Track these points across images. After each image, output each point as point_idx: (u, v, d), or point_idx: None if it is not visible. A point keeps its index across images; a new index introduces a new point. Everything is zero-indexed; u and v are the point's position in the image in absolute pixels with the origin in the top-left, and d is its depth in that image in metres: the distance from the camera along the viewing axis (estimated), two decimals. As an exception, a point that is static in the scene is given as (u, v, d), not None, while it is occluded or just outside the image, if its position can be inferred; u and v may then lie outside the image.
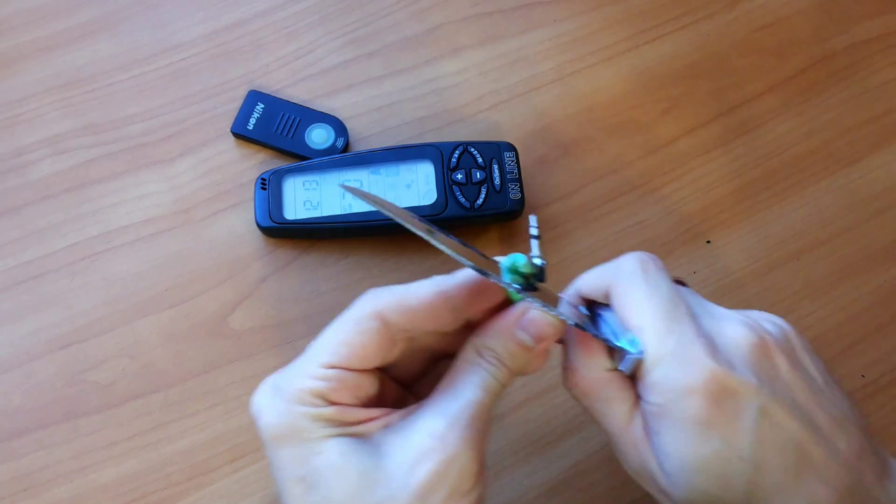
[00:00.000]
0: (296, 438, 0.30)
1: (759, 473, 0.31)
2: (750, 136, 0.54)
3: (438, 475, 0.29)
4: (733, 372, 0.30)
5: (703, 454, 0.31)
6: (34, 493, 0.44)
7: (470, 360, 0.32)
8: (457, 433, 0.30)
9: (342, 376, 0.31)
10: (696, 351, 0.31)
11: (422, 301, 0.32)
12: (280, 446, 0.31)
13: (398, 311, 0.32)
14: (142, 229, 0.50)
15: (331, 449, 0.30)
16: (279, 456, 0.31)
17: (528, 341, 0.32)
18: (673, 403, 0.31)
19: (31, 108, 0.53)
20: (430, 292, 0.32)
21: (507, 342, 0.32)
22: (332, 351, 0.31)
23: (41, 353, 0.47)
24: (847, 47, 0.57)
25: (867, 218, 0.52)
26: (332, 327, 0.32)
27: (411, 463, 0.29)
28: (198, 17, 0.56)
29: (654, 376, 0.31)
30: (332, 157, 0.50)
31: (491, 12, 0.57)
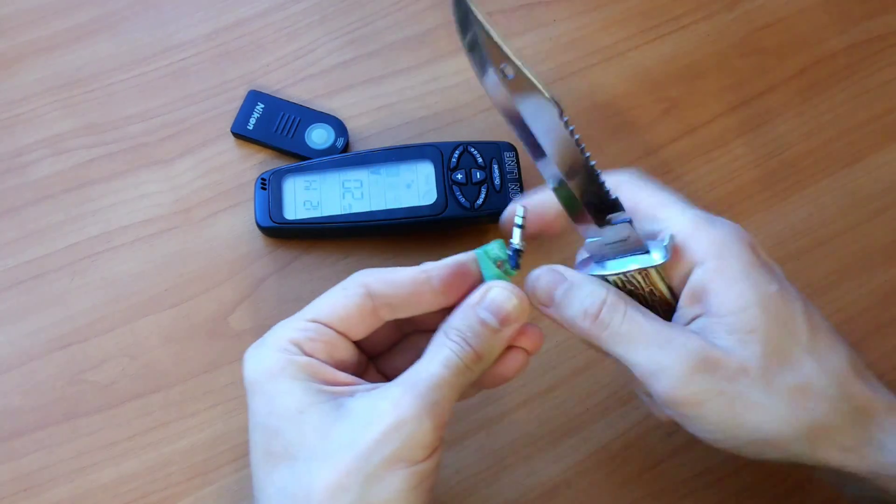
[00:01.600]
0: (268, 383, 0.33)
1: (808, 310, 0.34)
2: (750, 135, 0.54)
3: (386, 435, 0.31)
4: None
5: (770, 291, 0.33)
6: (34, 493, 0.44)
7: (436, 342, 0.34)
8: (410, 400, 0.31)
9: (320, 329, 0.34)
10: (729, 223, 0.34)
11: (405, 278, 0.34)
12: (255, 391, 0.33)
13: (383, 283, 0.34)
14: (142, 229, 0.50)
15: (295, 394, 0.32)
16: (253, 401, 0.33)
17: (490, 321, 0.33)
18: (729, 254, 0.33)
19: (31, 108, 0.53)
20: (414, 271, 0.35)
21: (470, 321, 0.34)
22: (317, 308, 0.34)
23: (41, 353, 0.47)
24: (847, 47, 0.57)
25: (867, 218, 0.52)
26: (322, 295, 0.35)
27: (364, 422, 0.31)
28: (198, 17, 0.56)
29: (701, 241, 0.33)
30: (332, 157, 0.50)
31: (491, 12, 0.57)
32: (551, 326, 0.48)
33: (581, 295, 0.34)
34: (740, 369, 0.32)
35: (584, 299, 0.34)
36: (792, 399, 0.32)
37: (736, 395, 0.32)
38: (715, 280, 0.33)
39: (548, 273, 0.35)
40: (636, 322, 0.33)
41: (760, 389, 0.32)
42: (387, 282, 0.34)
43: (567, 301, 0.34)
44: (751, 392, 0.32)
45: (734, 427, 0.32)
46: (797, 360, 0.32)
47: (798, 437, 0.32)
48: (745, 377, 0.32)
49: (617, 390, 0.47)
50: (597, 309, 0.34)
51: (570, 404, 0.47)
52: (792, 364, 0.32)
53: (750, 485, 0.45)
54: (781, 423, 0.32)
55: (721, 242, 0.33)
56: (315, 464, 0.31)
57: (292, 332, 0.34)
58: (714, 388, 0.32)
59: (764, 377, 0.32)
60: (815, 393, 0.32)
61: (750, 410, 0.32)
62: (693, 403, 0.32)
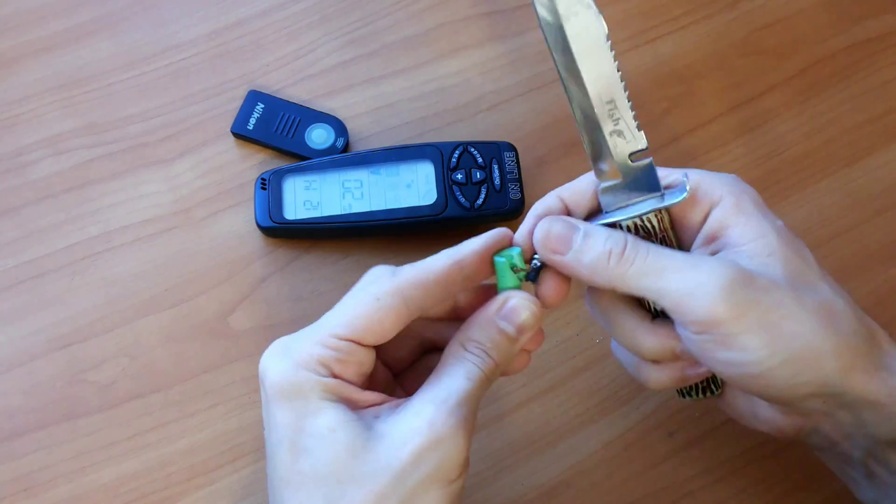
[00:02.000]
0: (296, 399, 0.31)
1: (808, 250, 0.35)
2: (750, 135, 0.54)
3: (422, 455, 0.30)
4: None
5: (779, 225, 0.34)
6: (34, 493, 0.44)
7: (455, 354, 0.33)
8: (443, 417, 0.31)
9: (350, 349, 0.32)
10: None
11: (439, 275, 0.33)
12: (279, 405, 0.32)
13: (418, 288, 0.33)
14: (142, 229, 0.50)
15: (326, 414, 0.31)
16: (276, 415, 0.32)
17: (510, 330, 0.34)
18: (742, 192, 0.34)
19: (31, 108, 0.53)
20: (445, 264, 0.33)
21: (490, 332, 0.34)
22: (347, 323, 0.32)
23: (41, 353, 0.47)
24: (847, 47, 0.57)
25: (867, 218, 0.52)
26: (350, 300, 0.33)
27: (398, 443, 0.30)
28: (198, 17, 0.56)
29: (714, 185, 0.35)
30: (332, 157, 0.50)
31: (491, 12, 0.57)
32: (551, 327, 0.49)
33: (601, 239, 0.33)
34: (770, 282, 0.32)
35: (605, 242, 0.33)
36: (820, 315, 0.32)
37: (773, 304, 0.32)
38: (734, 215, 0.34)
39: (559, 222, 0.34)
40: (662, 253, 0.33)
41: (793, 301, 0.32)
42: (422, 286, 0.33)
43: (587, 246, 0.33)
44: (784, 303, 0.32)
45: (774, 339, 0.32)
46: (815, 283, 0.33)
47: (831, 353, 0.32)
48: (776, 289, 0.32)
49: (617, 390, 0.47)
50: (621, 248, 0.33)
51: (570, 404, 0.47)
52: (811, 286, 0.33)
53: (750, 485, 0.45)
54: (815, 335, 0.32)
55: (732, 184, 0.35)
56: (350, 486, 0.30)
57: (321, 351, 0.32)
58: (752, 298, 0.32)
59: (793, 291, 0.32)
60: (838, 313, 0.33)
61: (787, 319, 0.32)
62: (733, 317, 0.31)
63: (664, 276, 0.32)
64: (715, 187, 0.35)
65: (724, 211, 0.34)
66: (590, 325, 0.49)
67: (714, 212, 0.34)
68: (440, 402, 0.31)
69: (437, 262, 0.33)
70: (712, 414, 0.47)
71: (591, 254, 0.33)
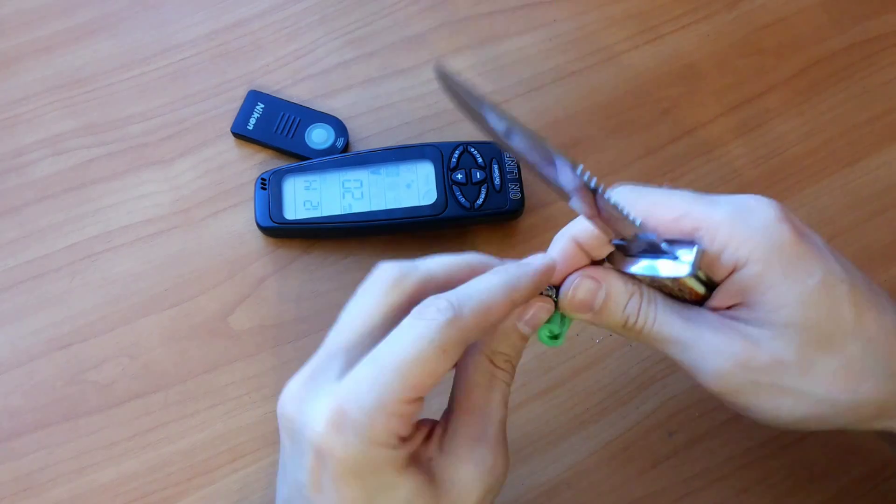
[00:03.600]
0: (369, 477, 0.30)
1: (854, 291, 0.33)
2: (750, 135, 0.54)
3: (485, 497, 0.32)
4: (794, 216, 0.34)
5: (812, 285, 0.32)
6: (34, 493, 0.44)
7: (485, 370, 0.34)
8: (499, 458, 0.33)
9: (417, 409, 0.30)
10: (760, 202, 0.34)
11: (498, 315, 0.32)
12: (349, 484, 0.30)
13: (479, 332, 0.31)
14: (142, 229, 0.50)
15: (402, 487, 0.30)
16: (345, 493, 0.30)
17: (528, 332, 0.35)
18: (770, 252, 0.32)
19: (31, 108, 0.53)
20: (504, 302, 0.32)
21: (513, 339, 0.34)
22: (416, 384, 0.29)
23: (41, 353, 0.47)
24: (847, 47, 0.57)
25: (867, 218, 0.52)
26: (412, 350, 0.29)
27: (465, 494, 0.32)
28: (198, 17, 0.56)
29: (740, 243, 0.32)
30: (332, 157, 0.50)
31: (491, 12, 0.57)
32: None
33: (618, 305, 0.34)
34: (775, 361, 0.32)
35: (623, 310, 0.34)
36: (832, 383, 0.32)
37: (771, 384, 0.32)
38: (756, 284, 0.33)
39: (585, 282, 0.35)
40: (669, 325, 0.34)
41: (796, 378, 0.32)
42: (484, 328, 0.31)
43: (605, 311, 0.35)
44: (786, 380, 0.32)
45: (772, 410, 0.33)
46: (840, 345, 0.33)
47: (840, 414, 0.33)
48: (780, 367, 0.32)
49: (617, 390, 0.47)
50: (633, 319, 0.34)
51: (570, 404, 0.47)
52: (835, 350, 0.32)
53: (750, 485, 0.45)
54: (820, 405, 0.33)
55: (761, 243, 0.32)
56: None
57: (395, 423, 0.29)
58: (749, 380, 0.33)
59: (800, 366, 0.32)
60: (859, 373, 0.33)
61: (787, 396, 0.33)
62: (731, 393, 0.33)
63: (670, 349, 0.34)
64: (741, 248, 0.32)
65: (746, 277, 0.33)
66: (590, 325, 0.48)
67: (736, 275, 0.33)
68: (489, 440, 0.33)
69: (496, 297, 0.31)
70: (712, 414, 0.47)
71: (608, 319, 0.35)
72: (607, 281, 0.35)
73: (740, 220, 0.33)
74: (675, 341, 0.34)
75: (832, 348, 0.32)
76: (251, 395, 0.46)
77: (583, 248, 0.35)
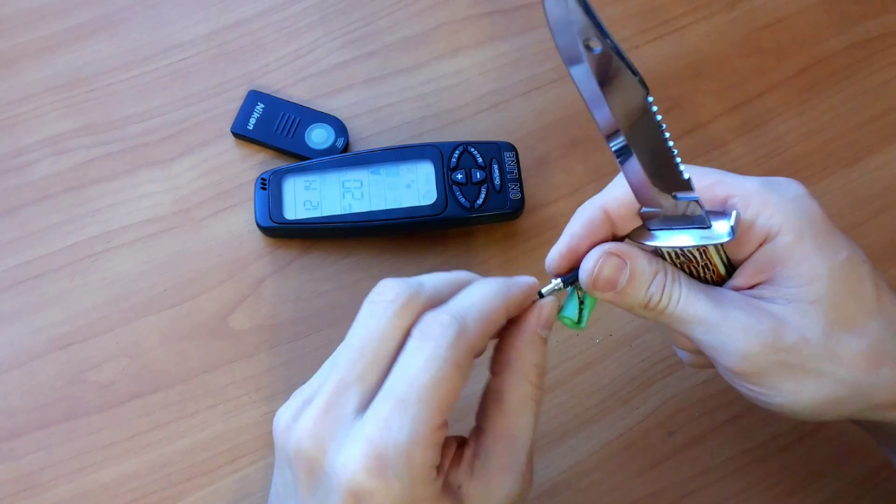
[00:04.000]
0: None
1: (873, 272, 0.33)
2: (750, 135, 0.54)
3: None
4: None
5: (840, 261, 0.32)
6: (34, 493, 0.44)
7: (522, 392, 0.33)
8: (525, 485, 0.32)
9: (445, 432, 0.30)
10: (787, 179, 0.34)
11: (497, 322, 0.32)
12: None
13: (484, 341, 0.31)
14: (142, 229, 0.50)
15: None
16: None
17: (547, 334, 0.34)
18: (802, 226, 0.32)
19: (31, 108, 0.53)
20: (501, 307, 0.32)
21: (540, 347, 0.33)
22: (442, 407, 0.29)
23: (41, 353, 0.47)
24: (847, 47, 0.57)
25: (867, 218, 0.52)
26: (430, 373, 0.29)
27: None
28: (198, 17, 0.56)
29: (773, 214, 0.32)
30: (332, 157, 0.50)
31: (491, 12, 0.57)
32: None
33: (642, 283, 0.33)
34: (801, 339, 0.32)
35: (647, 290, 0.33)
36: (856, 364, 0.32)
37: (797, 363, 0.32)
38: (788, 255, 0.32)
39: (611, 259, 0.33)
40: (694, 304, 0.33)
41: (822, 358, 0.32)
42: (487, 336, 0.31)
43: (629, 290, 0.34)
44: (811, 361, 0.32)
45: (793, 394, 0.33)
46: (863, 325, 0.32)
47: (860, 398, 0.33)
48: (806, 346, 0.32)
49: (617, 390, 0.47)
50: (657, 299, 0.33)
51: (570, 404, 0.47)
52: (858, 330, 0.32)
53: (750, 485, 0.45)
54: (842, 387, 0.32)
55: (793, 213, 0.33)
56: None
57: (430, 454, 0.29)
58: (776, 360, 0.32)
59: (826, 345, 0.32)
60: (881, 356, 0.32)
61: (810, 377, 0.32)
62: (755, 375, 0.33)
63: (693, 329, 0.33)
64: (775, 216, 0.32)
65: (779, 247, 0.32)
66: (590, 325, 0.48)
67: (767, 246, 0.33)
68: (520, 468, 0.32)
69: (494, 304, 0.32)
70: (712, 414, 0.47)
71: (630, 299, 0.34)
72: (631, 258, 0.33)
73: (772, 190, 0.33)
74: (700, 321, 0.33)
75: (856, 328, 0.32)
76: (251, 395, 0.46)
77: (610, 216, 0.34)
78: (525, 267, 0.50)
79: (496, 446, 0.32)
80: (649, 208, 0.33)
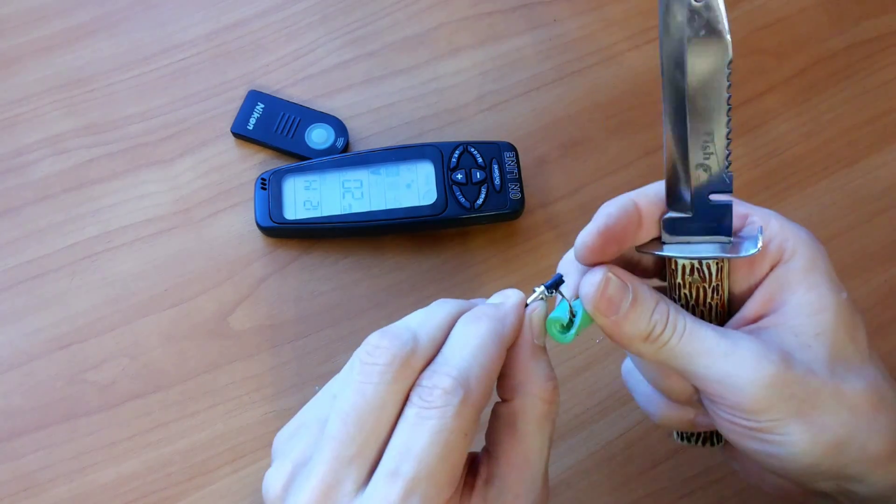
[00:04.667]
0: None
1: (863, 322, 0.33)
2: (750, 135, 0.54)
3: None
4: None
5: (843, 298, 0.32)
6: (34, 493, 0.44)
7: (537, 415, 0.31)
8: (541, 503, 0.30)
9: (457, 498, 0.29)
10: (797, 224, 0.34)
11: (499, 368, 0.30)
12: None
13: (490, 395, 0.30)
14: (142, 229, 0.50)
15: None
16: None
17: (544, 342, 0.32)
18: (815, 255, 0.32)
19: (31, 108, 0.53)
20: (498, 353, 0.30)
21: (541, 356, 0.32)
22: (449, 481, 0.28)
23: (41, 353, 0.47)
24: (847, 47, 0.57)
25: (867, 218, 0.52)
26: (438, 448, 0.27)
27: None
28: (198, 17, 0.56)
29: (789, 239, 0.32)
30: (332, 157, 0.50)
31: (491, 12, 0.57)
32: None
33: (645, 310, 0.31)
34: (808, 371, 0.31)
35: (650, 319, 0.31)
36: (858, 404, 0.31)
37: (804, 397, 0.31)
38: (800, 281, 0.32)
39: (616, 284, 0.31)
40: (702, 335, 0.31)
41: (828, 392, 0.31)
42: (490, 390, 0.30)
43: (631, 316, 0.31)
44: (818, 395, 0.31)
45: (802, 434, 0.31)
46: (861, 368, 0.32)
47: (856, 446, 0.31)
48: (814, 379, 0.31)
49: (617, 390, 0.47)
50: (661, 328, 0.31)
51: (570, 404, 0.47)
52: (857, 370, 0.32)
53: (750, 484, 0.45)
54: (846, 428, 0.31)
55: (807, 243, 0.33)
56: None
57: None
58: (786, 394, 0.31)
59: (831, 380, 0.31)
60: (882, 401, 0.32)
61: (819, 412, 0.31)
62: (763, 409, 0.31)
63: (696, 362, 0.31)
64: (788, 241, 0.32)
65: (791, 273, 0.32)
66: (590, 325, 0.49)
67: (779, 269, 0.32)
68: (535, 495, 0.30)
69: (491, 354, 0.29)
70: (712, 414, 0.47)
71: (633, 327, 0.31)
72: (633, 283, 0.32)
73: (787, 224, 0.33)
74: (707, 352, 0.31)
75: (854, 369, 0.32)
76: (251, 395, 0.46)
77: (640, 211, 0.33)
78: (525, 267, 0.50)
79: (511, 475, 0.30)
80: (675, 213, 0.32)
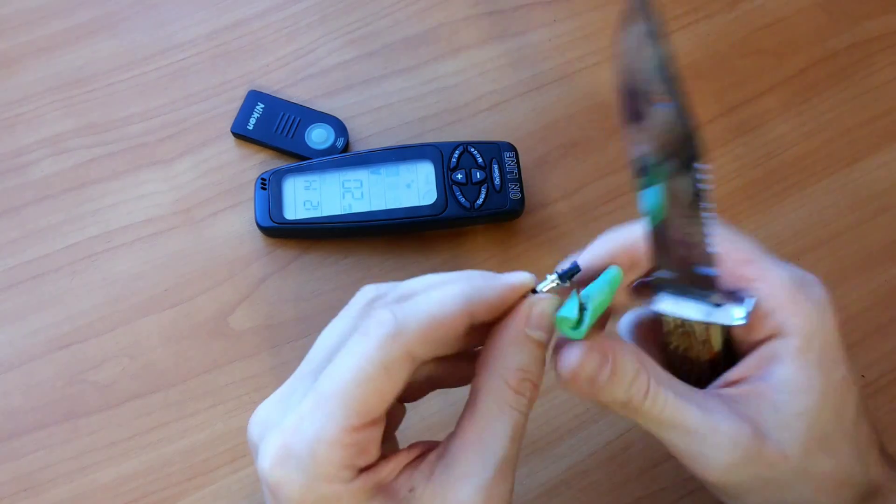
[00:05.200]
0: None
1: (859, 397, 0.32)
2: (750, 136, 0.54)
3: None
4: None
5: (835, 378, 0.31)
6: (34, 493, 0.44)
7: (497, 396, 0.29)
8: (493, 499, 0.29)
9: (369, 437, 0.28)
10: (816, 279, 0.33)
11: (450, 326, 0.29)
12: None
13: (428, 344, 0.28)
14: (142, 229, 0.50)
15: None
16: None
17: (542, 338, 0.30)
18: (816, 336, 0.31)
19: (31, 108, 0.53)
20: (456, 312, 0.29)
21: (529, 349, 0.30)
22: (361, 410, 0.27)
23: (41, 353, 0.47)
24: (847, 47, 0.57)
25: (867, 218, 0.52)
26: (353, 371, 0.27)
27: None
28: (198, 17, 0.56)
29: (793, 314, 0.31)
30: (332, 157, 0.50)
31: (491, 12, 0.57)
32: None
33: (622, 384, 0.30)
34: (781, 456, 0.31)
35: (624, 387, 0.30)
36: (821, 485, 0.32)
37: (771, 479, 0.31)
38: (793, 357, 0.31)
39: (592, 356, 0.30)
40: (684, 411, 0.31)
41: (797, 476, 0.31)
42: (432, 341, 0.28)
43: (608, 388, 0.30)
44: (785, 477, 0.31)
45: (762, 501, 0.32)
46: (836, 446, 0.32)
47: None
48: (784, 463, 0.31)
49: (617, 390, 0.47)
50: (638, 401, 0.31)
51: (570, 404, 0.47)
52: (831, 450, 0.32)
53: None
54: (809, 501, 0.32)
55: (812, 318, 0.31)
56: None
57: (342, 453, 0.27)
58: (754, 473, 0.31)
59: (802, 462, 0.31)
60: (846, 480, 0.32)
61: (784, 493, 0.32)
62: (732, 486, 0.32)
63: (671, 434, 0.31)
64: (794, 318, 0.31)
65: (785, 348, 0.31)
66: (590, 325, 0.49)
67: (774, 343, 0.32)
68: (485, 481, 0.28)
69: (446, 308, 0.28)
70: (712, 414, 0.47)
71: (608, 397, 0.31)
72: (615, 353, 0.30)
73: (801, 290, 0.32)
74: (685, 429, 0.31)
75: (829, 449, 0.31)
76: (251, 395, 0.46)
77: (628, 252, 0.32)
78: (525, 267, 0.50)
79: (462, 452, 0.29)
80: (663, 272, 0.31)
